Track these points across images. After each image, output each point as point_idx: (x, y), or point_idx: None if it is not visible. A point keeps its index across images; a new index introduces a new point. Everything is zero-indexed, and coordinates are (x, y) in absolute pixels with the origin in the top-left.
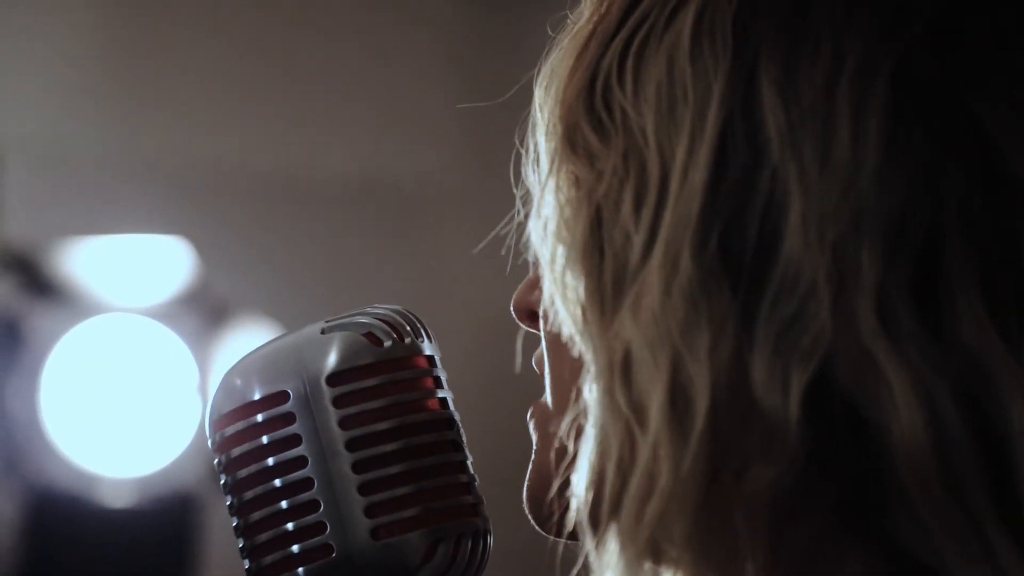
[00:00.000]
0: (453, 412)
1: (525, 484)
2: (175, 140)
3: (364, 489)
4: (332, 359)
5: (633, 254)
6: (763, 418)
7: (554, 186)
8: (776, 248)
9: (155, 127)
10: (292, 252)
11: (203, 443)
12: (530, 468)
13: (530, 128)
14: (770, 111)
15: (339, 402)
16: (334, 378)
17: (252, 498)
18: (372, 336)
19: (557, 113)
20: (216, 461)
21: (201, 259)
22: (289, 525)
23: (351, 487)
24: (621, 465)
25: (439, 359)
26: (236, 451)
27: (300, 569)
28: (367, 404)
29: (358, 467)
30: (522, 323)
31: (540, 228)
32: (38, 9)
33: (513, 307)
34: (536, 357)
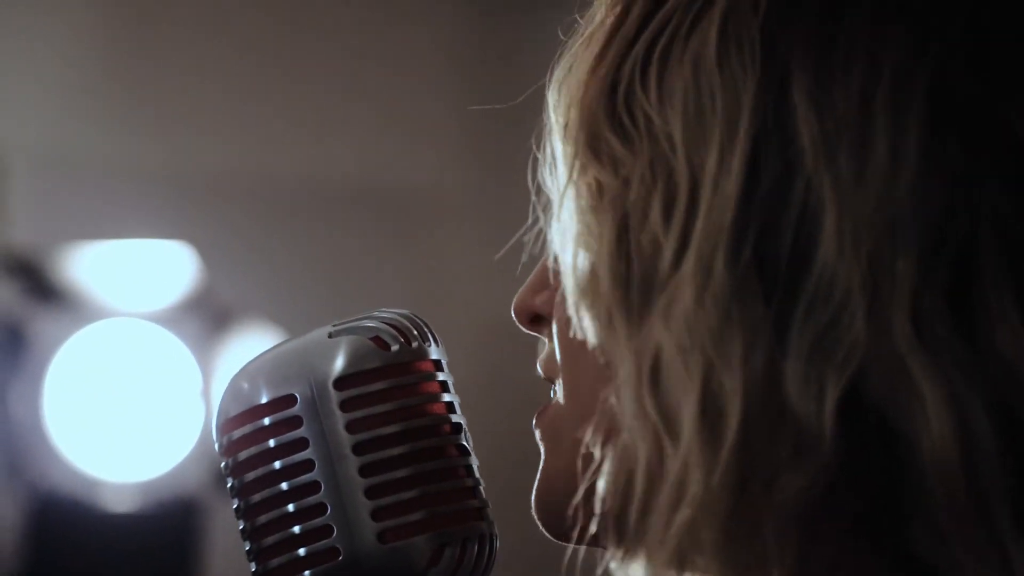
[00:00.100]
0: (459, 416)
1: (534, 490)
2: (178, 145)
3: (371, 493)
4: (339, 363)
5: (663, 262)
6: (795, 427)
7: (575, 192)
8: (811, 257)
9: (158, 132)
10: (295, 257)
11: (206, 448)
12: (540, 474)
13: (545, 132)
14: (803, 122)
15: (346, 406)
16: (341, 382)
17: (259, 501)
18: (379, 340)
19: (577, 117)
20: (223, 464)
21: (204, 264)
22: (295, 528)
23: (358, 490)
24: (649, 472)
25: (446, 363)
26: (243, 454)
27: (307, 572)
28: (374, 408)
29: (365, 471)
30: (524, 327)
31: (561, 234)
32: (41, 13)
33: (515, 310)
34: (543, 362)
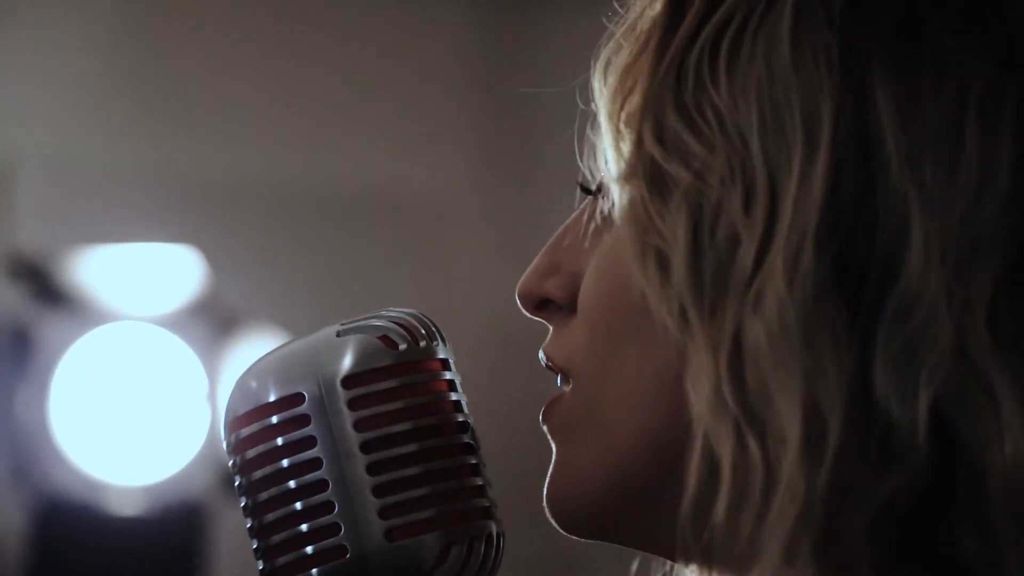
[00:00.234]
0: (467, 415)
1: (551, 484)
2: (185, 149)
3: (378, 491)
4: (347, 361)
5: (744, 255)
6: (888, 432)
7: (637, 180)
8: (898, 266)
9: (165, 136)
10: (302, 261)
11: (212, 452)
12: (557, 468)
13: (590, 122)
14: (889, 131)
15: (354, 404)
16: (349, 380)
17: (266, 499)
18: (387, 339)
19: (641, 105)
20: (231, 462)
21: (211, 268)
22: (303, 526)
23: (365, 489)
24: (736, 468)
25: (453, 362)
26: (251, 452)
27: (314, 570)
28: (382, 406)
29: (372, 469)
30: (529, 312)
31: (624, 225)
32: (49, 19)
33: (522, 295)
34: (555, 349)
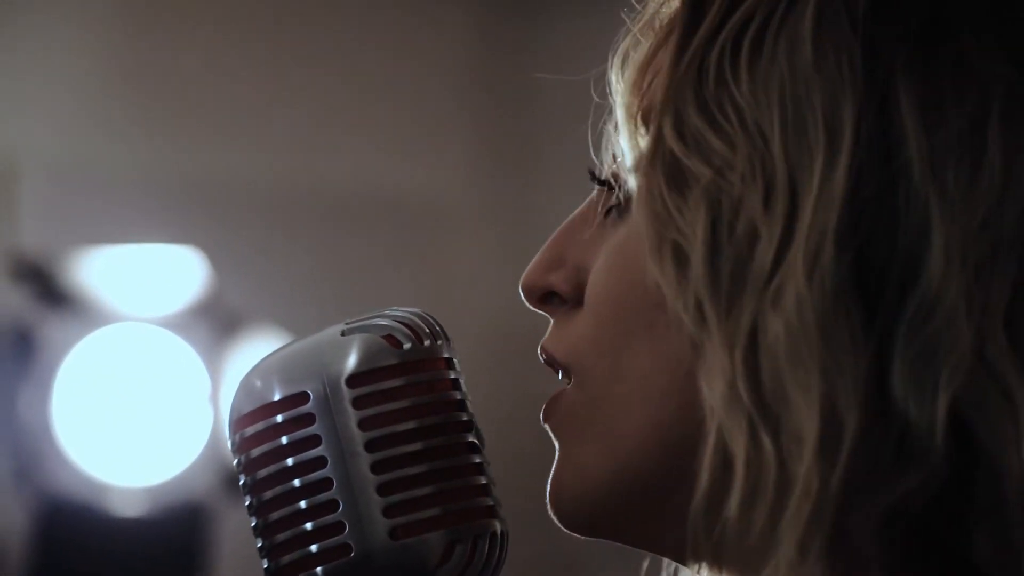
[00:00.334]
0: (471, 414)
1: (554, 481)
2: (187, 151)
3: (383, 490)
4: (352, 360)
5: (762, 255)
6: (905, 432)
7: (655, 174)
8: (918, 268)
9: (168, 137)
10: (304, 262)
11: (214, 453)
12: (561, 464)
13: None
14: (912, 135)
15: (359, 403)
16: (354, 379)
17: (271, 498)
18: (392, 338)
19: (662, 99)
20: (235, 461)
21: (213, 269)
22: (308, 525)
23: (370, 487)
24: (749, 466)
25: (457, 362)
26: (256, 451)
27: (319, 568)
28: (386, 405)
29: (377, 468)
30: (532, 305)
31: (641, 218)
32: (51, 23)
33: (526, 288)
34: (558, 343)
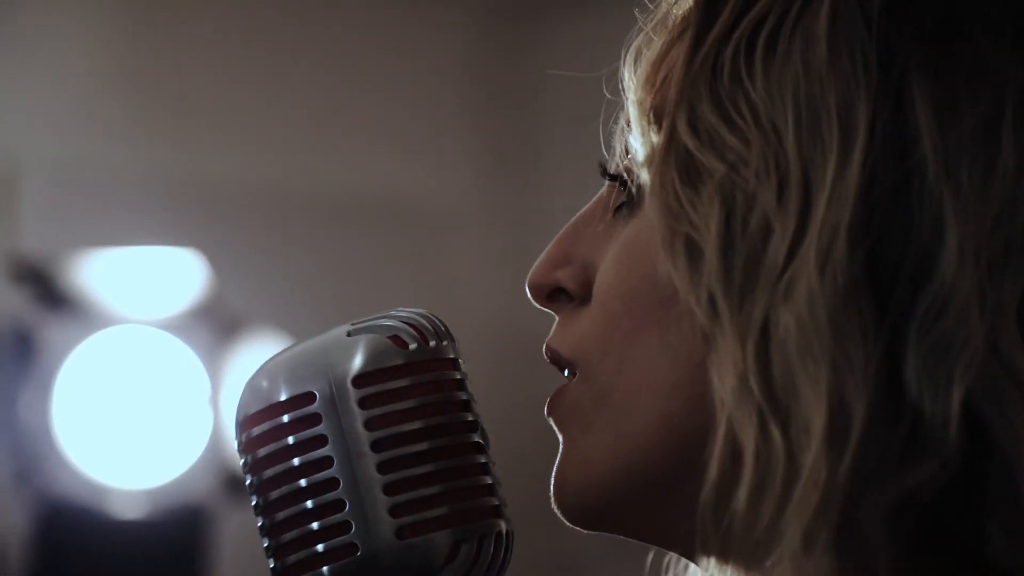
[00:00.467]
0: (476, 414)
1: (558, 475)
2: (188, 153)
3: (389, 489)
4: (358, 361)
5: (775, 249)
6: (918, 424)
7: (674, 171)
8: (932, 265)
9: (168, 141)
10: (304, 265)
11: (214, 455)
12: (566, 458)
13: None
14: (926, 133)
15: (365, 403)
16: (360, 380)
17: (278, 498)
18: (397, 339)
19: (676, 95)
20: (242, 462)
21: (214, 271)
22: (314, 524)
23: (376, 487)
24: (758, 458)
25: (462, 362)
26: (262, 451)
27: (325, 568)
28: (392, 406)
29: (383, 467)
30: (539, 303)
31: (654, 212)
32: (53, 26)
33: (533, 285)
34: (565, 340)
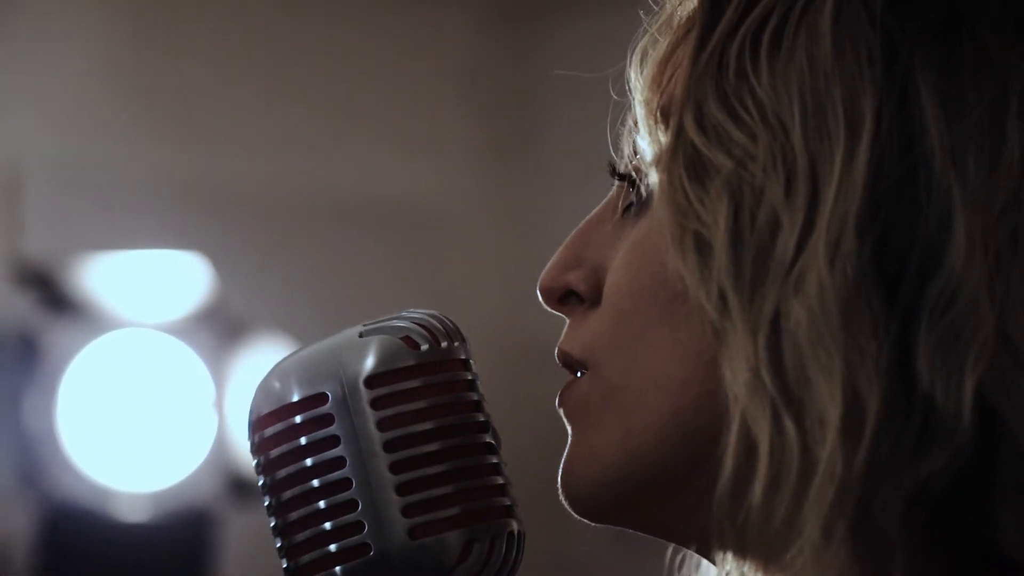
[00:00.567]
0: (488, 415)
1: (567, 466)
2: (191, 156)
3: (401, 489)
4: (370, 362)
5: (784, 243)
6: (930, 415)
7: (676, 167)
8: (940, 256)
9: (172, 143)
10: (308, 268)
11: (219, 458)
12: (576, 450)
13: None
14: (932, 124)
15: (377, 404)
16: (372, 380)
17: (290, 498)
18: (409, 339)
19: (683, 93)
20: (255, 463)
21: (218, 275)
22: (327, 524)
23: (389, 487)
24: (773, 452)
25: (473, 363)
26: (275, 452)
27: (337, 568)
28: (404, 406)
29: (395, 467)
30: (551, 306)
31: (663, 210)
32: (56, 29)
33: (544, 288)
34: (576, 341)
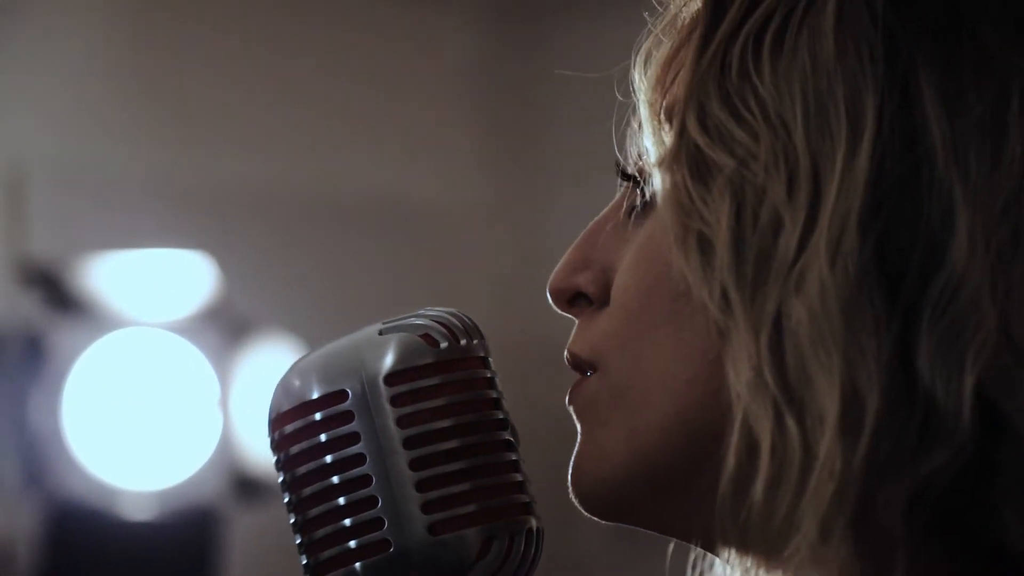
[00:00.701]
0: (506, 412)
1: (577, 464)
2: (196, 156)
3: (421, 486)
4: (390, 359)
5: (786, 242)
6: (931, 412)
7: (679, 167)
8: (942, 253)
9: (176, 143)
10: (313, 268)
11: (224, 457)
12: (586, 448)
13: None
14: (934, 122)
15: (397, 401)
16: (392, 378)
17: (310, 495)
18: (429, 337)
19: (685, 93)
20: (275, 460)
21: (223, 274)
22: (347, 521)
23: (408, 484)
24: (775, 450)
25: (492, 361)
26: (295, 449)
27: (357, 564)
28: (424, 403)
29: (415, 464)
30: (560, 308)
31: (666, 210)
32: (61, 29)
33: (554, 290)
34: (584, 342)
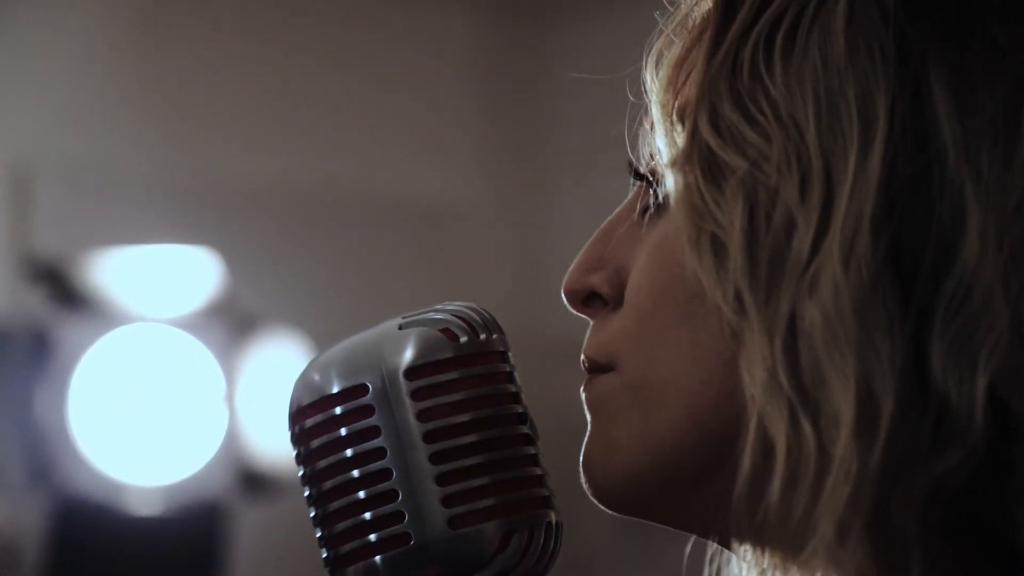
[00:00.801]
0: (525, 407)
1: (588, 457)
2: (201, 153)
3: (441, 480)
4: (410, 353)
5: (801, 240)
6: (944, 412)
7: (692, 168)
8: (954, 252)
9: (181, 140)
10: (318, 263)
11: (230, 452)
12: (597, 441)
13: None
14: (945, 121)
15: (417, 395)
16: (412, 372)
17: (330, 488)
18: (448, 331)
19: (697, 95)
20: (295, 453)
21: (229, 270)
22: (367, 514)
23: (428, 477)
24: (790, 451)
25: (511, 355)
26: (315, 443)
27: (377, 557)
28: (444, 397)
29: (435, 458)
30: (575, 308)
31: (679, 212)
32: (68, 27)
33: (568, 291)
34: (599, 343)
